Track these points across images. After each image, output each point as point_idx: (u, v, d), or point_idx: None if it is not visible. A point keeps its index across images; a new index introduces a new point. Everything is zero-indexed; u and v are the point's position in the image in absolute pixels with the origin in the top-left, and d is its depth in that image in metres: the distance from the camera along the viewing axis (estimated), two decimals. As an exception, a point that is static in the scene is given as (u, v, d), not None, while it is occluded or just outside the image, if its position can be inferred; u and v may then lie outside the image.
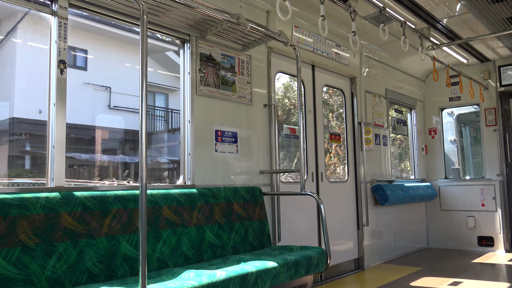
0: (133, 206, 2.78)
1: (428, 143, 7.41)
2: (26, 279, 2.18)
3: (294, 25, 4.53)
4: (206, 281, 2.30)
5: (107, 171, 7.29)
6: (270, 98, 4.33)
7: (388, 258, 5.99)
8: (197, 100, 3.62)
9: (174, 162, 7.10)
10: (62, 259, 2.34)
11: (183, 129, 3.58)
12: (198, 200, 3.25)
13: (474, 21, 5.28)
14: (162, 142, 8.74)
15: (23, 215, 2.27)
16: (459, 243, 6.89)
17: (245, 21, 3.43)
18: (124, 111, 8.42)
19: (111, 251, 2.57)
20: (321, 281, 4.77)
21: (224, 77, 3.86)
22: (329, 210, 5.00)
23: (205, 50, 3.71)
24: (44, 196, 2.41)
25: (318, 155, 4.98)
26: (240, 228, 3.48)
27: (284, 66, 4.62)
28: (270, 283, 2.72)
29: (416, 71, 7.13)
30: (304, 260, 3.04)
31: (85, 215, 2.53)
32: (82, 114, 7.65)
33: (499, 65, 6.82)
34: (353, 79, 5.68)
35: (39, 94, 5.95)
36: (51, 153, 2.71)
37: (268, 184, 4.21)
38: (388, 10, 4.57)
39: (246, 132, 4.05)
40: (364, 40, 5.68)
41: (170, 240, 2.92)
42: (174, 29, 3.50)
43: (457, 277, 4.89)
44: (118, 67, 7.83)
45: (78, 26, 5.43)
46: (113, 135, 7.97)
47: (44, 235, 2.32)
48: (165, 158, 7.61)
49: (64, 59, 2.76)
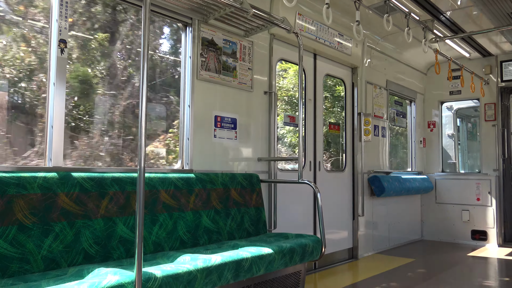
0: (131, 189, 2.78)
1: (426, 136, 7.42)
2: (22, 258, 2.19)
3: (297, 12, 4.48)
4: (201, 266, 2.31)
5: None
6: (271, 85, 4.31)
7: (382, 248, 6.04)
8: (198, 85, 3.60)
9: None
10: (59, 239, 2.35)
11: (182, 114, 3.56)
12: (196, 185, 3.25)
13: (478, 14, 5.24)
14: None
15: (20, 194, 2.27)
16: (452, 236, 6.94)
17: (249, 7, 3.40)
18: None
19: (108, 232, 2.58)
20: (315, 269, 4.81)
21: (225, 62, 3.83)
22: (326, 199, 5.02)
23: (207, 34, 3.68)
24: (42, 175, 2.41)
25: (317, 144, 4.98)
26: (236, 214, 3.49)
27: (286, 53, 4.59)
28: (264, 269, 2.74)
29: (417, 64, 7.10)
30: (299, 248, 3.05)
31: (82, 196, 2.53)
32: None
33: (501, 60, 6.79)
34: (355, 69, 5.65)
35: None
36: (49, 133, 2.69)
37: (266, 171, 4.21)
38: (392, 0, 4.53)
39: (246, 119, 4.04)
40: (367, 30, 5.63)
41: (166, 224, 2.93)
42: (177, 12, 3.46)
43: (449, 269, 4.94)
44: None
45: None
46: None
47: (41, 214, 2.32)
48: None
49: (64, 39, 2.73)
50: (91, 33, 3.34)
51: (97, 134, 3.38)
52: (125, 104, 3.53)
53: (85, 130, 3.33)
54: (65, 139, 2.77)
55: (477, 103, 7.06)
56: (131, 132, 3.58)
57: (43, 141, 2.76)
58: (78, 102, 3.27)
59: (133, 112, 3.58)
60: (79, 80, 3.21)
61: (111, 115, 3.45)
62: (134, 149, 3.58)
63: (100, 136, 3.39)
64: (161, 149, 3.88)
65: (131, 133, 3.58)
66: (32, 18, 2.91)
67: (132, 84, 3.58)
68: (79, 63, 3.24)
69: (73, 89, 3.18)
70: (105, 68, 3.46)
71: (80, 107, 3.28)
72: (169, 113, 3.85)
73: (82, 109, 3.28)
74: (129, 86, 3.58)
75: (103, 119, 3.41)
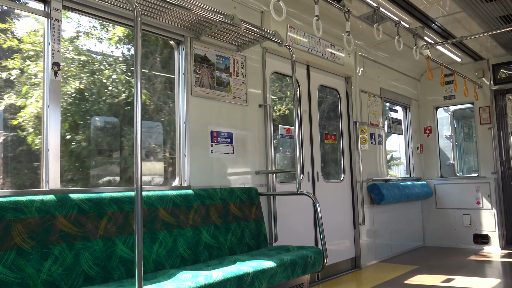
0: (129, 208, 2.77)
1: (423, 142, 7.44)
2: (21, 283, 2.17)
3: (288, 25, 4.53)
4: (203, 283, 2.30)
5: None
6: (265, 98, 4.33)
7: (385, 257, 6.00)
8: (192, 101, 3.61)
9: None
10: (58, 262, 2.33)
11: (178, 130, 3.57)
12: (194, 201, 3.25)
13: (468, 20, 5.31)
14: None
15: (18, 218, 2.26)
16: (455, 241, 6.92)
17: (240, 22, 3.43)
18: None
19: (107, 253, 2.57)
20: (318, 280, 4.78)
21: (219, 77, 3.86)
22: (325, 209, 5.01)
23: (200, 51, 3.71)
24: (39, 199, 2.40)
25: (314, 154, 4.98)
26: (236, 229, 3.48)
27: (279, 66, 4.62)
28: (267, 283, 2.72)
29: (410, 70, 7.16)
30: (300, 260, 3.04)
31: (81, 218, 2.52)
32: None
33: (492, 64, 6.85)
34: (348, 79, 5.69)
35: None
36: (45, 156, 2.70)
37: (264, 184, 4.21)
38: (382, 9, 4.59)
39: (242, 132, 4.05)
40: (359, 39, 5.69)
41: (166, 242, 2.92)
42: (168, 30, 3.50)
43: (453, 274, 4.91)
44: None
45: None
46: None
47: (40, 238, 2.31)
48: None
49: (58, 61, 2.75)
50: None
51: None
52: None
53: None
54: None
55: (471, 105, 7.11)
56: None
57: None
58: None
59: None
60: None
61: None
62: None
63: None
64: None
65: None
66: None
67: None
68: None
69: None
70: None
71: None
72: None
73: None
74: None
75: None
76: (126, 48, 3.73)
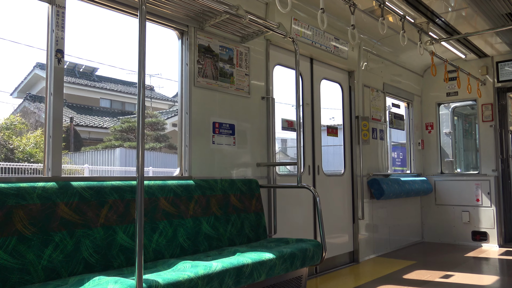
0: (130, 197, 2.78)
1: (424, 137, 7.43)
2: (22, 268, 2.19)
3: (293, 17, 4.51)
4: (202, 272, 2.31)
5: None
6: (268, 90, 4.32)
7: (383, 251, 6.03)
8: (195, 92, 3.60)
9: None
10: (59, 249, 2.35)
11: (180, 121, 3.57)
12: (195, 191, 3.25)
13: (473, 16, 5.27)
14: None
15: (19, 204, 2.27)
16: (453, 237, 6.94)
17: (244, 13, 3.41)
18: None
19: (108, 241, 2.58)
20: (316, 273, 4.80)
21: (222, 69, 3.85)
22: (325, 203, 5.02)
23: (204, 41, 3.69)
24: (41, 185, 2.41)
25: (315, 148, 4.98)
26: (236, 220, 3.49)
27: (283, 59, 4.61)
28: (265, 275, 2.73)
29: (414, 66, 7.13)
30: (299, 253, 3.05)
31: (82, 205, 2.53)
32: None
33: (497, 61, 6.82)
34: (351, 73, 5.67)
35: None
36: (47, 143, 2.70)
37: (265, 176, 4.21)
38: (387, 3, 4.55)
39: (244, 124, 4.05)
40: (363, 34, 5.66)
41: (166, 231, 2.93)
42: (173, 20, 3.48)
43: (451, 270, 4.93)
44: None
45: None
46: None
47: (41, 224, 2.32)
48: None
49: (61, 48, 2.74)
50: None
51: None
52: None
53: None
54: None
55: (474, 102, 7.10)
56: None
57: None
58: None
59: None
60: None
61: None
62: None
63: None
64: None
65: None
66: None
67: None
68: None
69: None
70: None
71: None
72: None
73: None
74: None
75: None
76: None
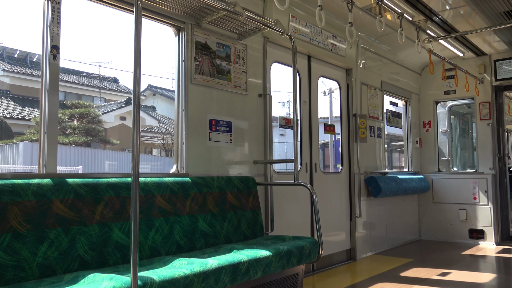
0: (126, 194, 2.77)
1: (422, 136, 7.44)
2: (17, 265, 2.18)
3: (290, 14, 4.49)
4: (198, 270, 2.30)
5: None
6: (266, 88, 4.31)
7: (380, 249, 6.03)
8: (192, 89, 3.59)
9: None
10: (54, 246, 2.34)
11: (177, 118, 3.56)
12: (192, 189, 3.25)
13: (471, 14, 5.27)
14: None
15: (14, 201, 2.26)
16: (450, 235, 6.95)
17: (241, 10, 3.40)
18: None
19: (103, 238, 2.57)
20: (313, 271, 4.80)
21: (219, 66, 3.83)
22: (322, 201, 5.02)
23: (201, 38, 3.68)
24: (36, 182, 2.39)
25: (313, 146, 4.98)
26: (233, 218, 3.49)
27: (280, 56, 4.59)
28: (262, 272, 2.73)
29: (412, 64, 7.12)
30: (296, 250, 3.05)
31: (77, 202, 2.52)
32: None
33: (495, 59, 6.83)
34: (349, 71, 5.66)
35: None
36: (43, 140, 2.68)
37: (262, 174, 4.21)
38: (385, 1, 4.55)
39: (241, 121, 4.04)
40: (361, 31, 5.65)
41: (162, 229, 2.92)
42: (169, 16, 3.46)
43: (448, 268, 4.94)
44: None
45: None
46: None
47: (36, 221, 2.31)
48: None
49: (57, 44, 2.73)
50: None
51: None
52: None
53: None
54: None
55: (471, 100, 7.10)
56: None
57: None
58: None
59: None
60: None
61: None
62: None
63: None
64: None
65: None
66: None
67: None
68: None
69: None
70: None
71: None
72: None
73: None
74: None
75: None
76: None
